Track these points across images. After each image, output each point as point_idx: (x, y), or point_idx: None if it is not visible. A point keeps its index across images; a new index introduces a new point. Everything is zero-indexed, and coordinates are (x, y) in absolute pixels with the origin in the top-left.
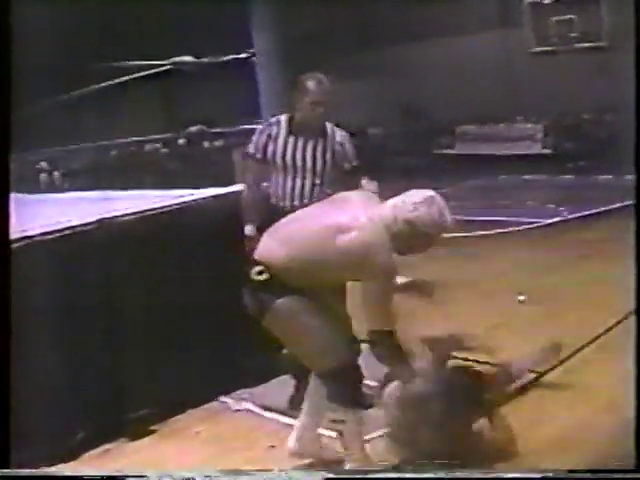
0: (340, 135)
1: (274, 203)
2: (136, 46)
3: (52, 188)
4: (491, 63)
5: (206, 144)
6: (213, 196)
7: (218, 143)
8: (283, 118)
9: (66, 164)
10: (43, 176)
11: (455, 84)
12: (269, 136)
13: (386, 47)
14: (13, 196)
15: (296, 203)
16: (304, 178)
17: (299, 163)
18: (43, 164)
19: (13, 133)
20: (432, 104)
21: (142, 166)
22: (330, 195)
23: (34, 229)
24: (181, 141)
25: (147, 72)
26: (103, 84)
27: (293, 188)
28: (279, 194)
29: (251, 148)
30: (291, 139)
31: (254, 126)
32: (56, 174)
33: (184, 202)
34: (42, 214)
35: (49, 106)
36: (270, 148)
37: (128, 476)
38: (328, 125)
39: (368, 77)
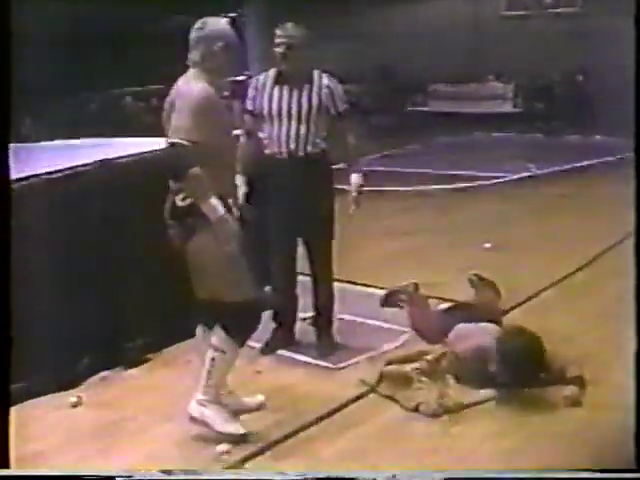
0: (326, 80)
1: (269, 153)
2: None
3: (31, 138)
4: (464, 24)
5: None
6: None
7: None
8: (271, 71)
9: (48, 116)
10: (24, 127)
11: (428, 44)
12: (256, 88)
13: (360, 8)
14: None
15: (285, 149)
16: (290, 124)
17: (284, 110)
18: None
19: None
20: (406, 63)
21: (121, 118)
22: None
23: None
24: None
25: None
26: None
27: (280, 135)
28: (270, 142)
29: (248, 104)
30: (277, 88)
31: (240, 78)
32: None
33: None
34: (34, 160)
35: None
36: (258, 99)
37: (133, 476)
38: (315, 72)
39: (342, 37)
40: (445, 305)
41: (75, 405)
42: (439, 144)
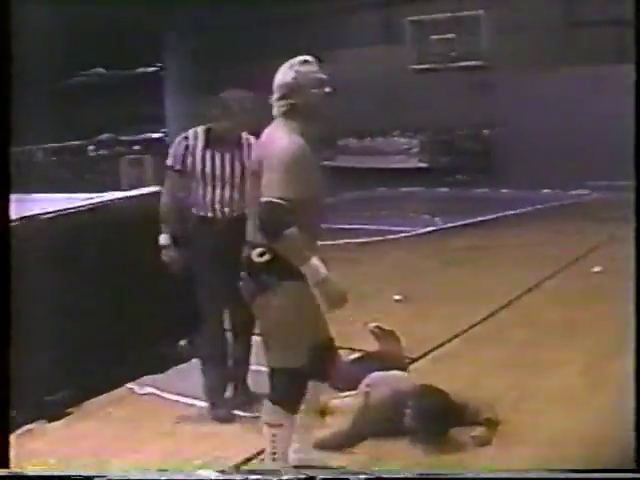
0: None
1: (195, 213)
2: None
3: None
4: (372, 78)
5: (92, 153)
6: (129, 197)
7: (103, 152)
8: (200, 130)
9: None
10: None
11: (336, 97)
12: (186, 148)
13: (270, 60)
14: None
15: (217, 212)
16: (223, 188)
17: (217, 174)
18: None
19: None
20: None
21: (31, 174)
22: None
23: None
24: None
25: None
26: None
27: (213, 198)
28: (200, 204)
29: (169, 160)
30: (208, 151)
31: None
32: None
33: (104, 201)
34: None
35: None
36: (189, 160)
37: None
38: (243, 136)
39: (251, 89)
40: (354, 355)
41: None
42: (347, 199)
